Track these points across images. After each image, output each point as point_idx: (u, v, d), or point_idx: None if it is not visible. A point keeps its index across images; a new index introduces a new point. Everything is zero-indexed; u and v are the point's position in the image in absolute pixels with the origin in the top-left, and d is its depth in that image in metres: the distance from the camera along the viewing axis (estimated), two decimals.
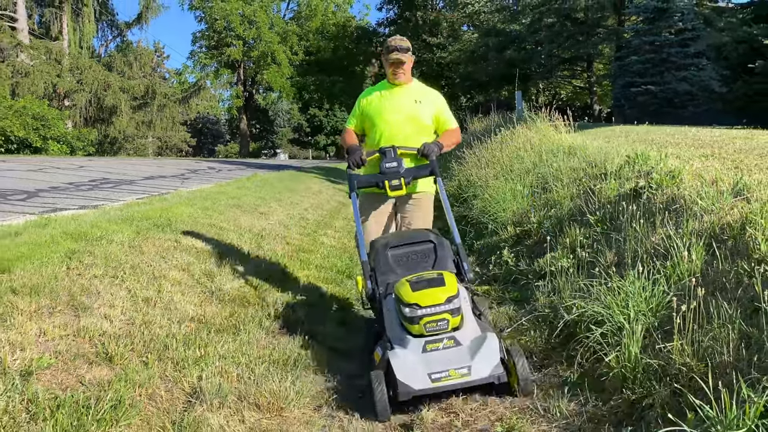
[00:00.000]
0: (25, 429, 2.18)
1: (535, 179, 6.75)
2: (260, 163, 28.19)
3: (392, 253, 3.56)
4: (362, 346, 3.73)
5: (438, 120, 4.14)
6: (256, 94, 51.94)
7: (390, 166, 3.74)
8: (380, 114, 4.07)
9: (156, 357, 3.05)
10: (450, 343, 2.94)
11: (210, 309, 3.98)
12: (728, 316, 2.59)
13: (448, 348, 2.92)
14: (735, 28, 21.73)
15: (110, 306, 3.48)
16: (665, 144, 7.50)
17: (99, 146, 30.36)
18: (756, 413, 2.01)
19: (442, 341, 2.93)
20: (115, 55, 36.29)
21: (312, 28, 46.30)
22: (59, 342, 2.90)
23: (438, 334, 2.95)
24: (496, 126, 11.25)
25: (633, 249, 3.73)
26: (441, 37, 41.49)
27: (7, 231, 4.71)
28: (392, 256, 3.55)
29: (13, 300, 3.13)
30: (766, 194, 3.51)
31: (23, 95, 25.69)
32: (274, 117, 62.19)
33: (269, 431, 2.59)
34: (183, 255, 4.87)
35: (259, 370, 3.11)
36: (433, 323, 2.94)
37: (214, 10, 42.26)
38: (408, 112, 4.04)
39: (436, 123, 4.15)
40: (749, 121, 18.08)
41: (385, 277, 3.45)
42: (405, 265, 3.51)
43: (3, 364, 2.54)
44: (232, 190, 9.93)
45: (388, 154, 3.77)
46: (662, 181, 4.39)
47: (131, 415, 2.45)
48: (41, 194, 8.02)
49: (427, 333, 2.95)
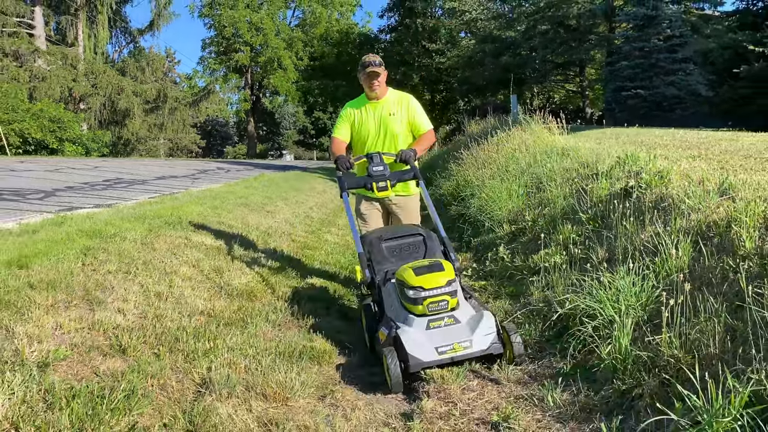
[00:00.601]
0: (42, 418, 2.18)
1: (529, 179, 6.74)
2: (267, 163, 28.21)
3: (386, 245, 3.80)
4: (361, 327, 3.82)
5: (412, 125, 4.46)
6: (263, 97, 51.92)
7: (377, 170, 3.95)
8: (362, 129, 4.46)
9: (167, 349, 3.05)
10: (450, 321, 3.14)
11: (219, 303, 3.98)
12: (714, 310, 2.58)
13: (449, 325, 3.12)
14: (721, 34, 21.67)
15: (123, 300, 3.49)
16: (654, 145, 7.49)
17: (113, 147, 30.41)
18: (741, 403, 2.01)
19: (443, 319, 3.13)
20: (128, 61, 36.37)
21: (316, 35, 46.24)
22: (75, 335, 2.91)
23: (439, 313, 3.14)
24: (492, 128, 11.22)
25: (623, 246, 3.73)
26: (440, 43, 41.39)
27: (25, 229, 4.72)
28: (386, 247, 3.79)
29: (31, 294, 3.14)
30: (751, 193, 3.50)
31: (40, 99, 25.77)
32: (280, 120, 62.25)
33: (275, 420, 2.59)
34: (193, 251, 4.87)
35: (265, 362, 3.11)
36: (435, 303, 3.13)
37: (223, 17, 42.24)
38: (385, 127, 4.41)
39: (410, 128, 4.47)
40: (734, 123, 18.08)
41: (381, 266, 3.67)
42: (398, 255, 3.75)
43: (21, 356, 2.54)
44: (240, 190, 9.94)
45: (374, 159, 4.01)
46: (651, 181, 4.39)
47: (143, 405, 2.45)
48: (58, 193, 8.03)
49: (430, 312, 3.14)
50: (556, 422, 2.58)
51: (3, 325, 2.76)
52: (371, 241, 3.82)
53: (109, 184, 10.20)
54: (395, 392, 2.97)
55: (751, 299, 2.41)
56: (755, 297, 2.43)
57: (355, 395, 2.99)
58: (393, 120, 4.40)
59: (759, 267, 2.73)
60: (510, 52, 32.72)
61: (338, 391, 3.01)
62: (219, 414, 2.50)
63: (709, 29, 23.33)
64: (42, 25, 29.78)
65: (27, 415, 2.16)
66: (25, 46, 28.05)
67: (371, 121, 4.45)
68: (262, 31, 42.74)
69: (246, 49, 43.32)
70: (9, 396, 2.23)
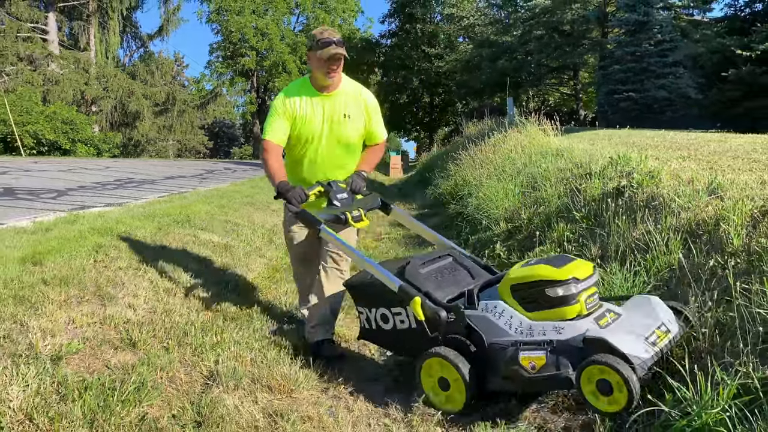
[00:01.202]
0: (55, 409, 2.18)
1: (525, 179, 6.73)
2: None
3: (424, 271, 2.88)
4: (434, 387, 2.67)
5: (367, 133, 3.39)
6: (269, 100, 51.88)
7: (342, 197, 3.12)
8: (303, 130, 3.22)
9: (176, 343, 3.05)
10: (613, 315, 2.41)
11: (226, 298, 3.97)
12: (703, 305, 2.58)
13: (616, 320, 2.38)
14: (710, 39, 21.65)
15: (134, 296, 3.48)
16: (645, 146, 7.48)
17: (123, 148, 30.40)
18: (729, 395, 2.00)
19: (605, 315, 2.39)
20: (138, 65, 36.33)
21: None
22: (87, 329, 2.91)
23: (597, 309, 2.43)
24: (489, 130, 11.21)
25: (616, 243, 3.72)
26: (439, 48, 41.41)
27: (39, 227, 4.72)
28: (425, 272, 2.87)
29: (45, 290, 3.14)
30: (739, 193, 3.50)
31: (54, 101, 25.74)
32: None
33: (280, 411, 2.58)
34: (201, 249, 4.87)
35: (270, 355, 3.11)
36: (592, 297, 2.42)
37: (230, 23, 42.16)
38: (338, 133, 3.26)
39: (364, 136, 3.40)
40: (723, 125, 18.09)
41: (442, 293, 2.75)
42: (443, 281, 2.88)
43: (35, 349, 2.54)
44: (246, 189, 9.93)
45: (334, 186, 3.14)
46: (643, 180, 4.37)
47: (153, 396, 2.45)
48: (70, 193, 8.02)
49: (588, 310, 2.39)
50: (551, 413, 2.58)
51: (18, 320, 2.76)
52: (409, 271, 2.81)
53: (120, 183, 10.20)
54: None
55: (739, 294, 2.41)
56: (743, 292, 2.42)
57: (357, 388, 2.98)
58: (347, 124, 3.25)
59: (746, 263, 2.73)
60: (506, 56, 32.74)
61: (341, 383, 3.01)
62: (226, 405, 2.50)
63: (699, 34, 23.31)
64: (55, 31, 29.75)
65: (41, 407, 2.16)
66: (39, 50, 28.03)
67: (317, 120, 3.21)
68: (268, 36, 42.65)
69: (252, 53, 43.23)
70: (24, 388, 2.23)
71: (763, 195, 3.34)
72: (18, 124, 21.06)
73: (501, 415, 2.56)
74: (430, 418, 2.59)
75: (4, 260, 3.47)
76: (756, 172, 4.32)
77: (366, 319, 3.01)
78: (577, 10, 28.81)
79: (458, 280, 2.92)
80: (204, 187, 10.22)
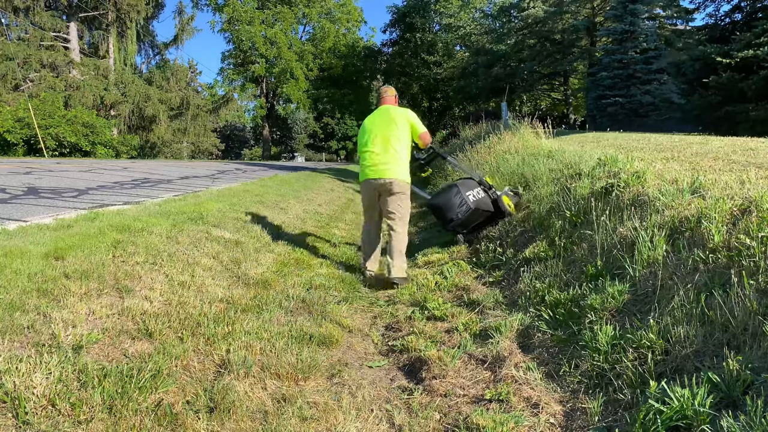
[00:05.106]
0: (76, 395, 2.18)
1: (519, 179, 6.73)
2: (280, 165, 28.17)
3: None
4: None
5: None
6: (277, 105, 51.88)
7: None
8: None
9: (190, 333, 3.05)
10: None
11: (237, 291, 3.97)
12: (686, 298, 2.57)
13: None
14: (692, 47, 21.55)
15: (150, 289, 3.48)
16: (631, 148, 7.46)
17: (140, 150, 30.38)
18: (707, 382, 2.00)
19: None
20: (154, 71, 36.30)
21: (325, 48, 46.15)
22: (106, 320, 2.90)
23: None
24: (485, 133, 11.20)
25: (603, 239, 3.71)
26: (437, 55, 41.37)
27: (61, 224, 4.72)
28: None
29: (66, 284, 3.14)
30: (719, 192, 3.49)
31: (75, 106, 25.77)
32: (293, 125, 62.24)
33: (288, 397, 2.58)
34: (213, 244, 4.87)
35: (279, 345, 3.10)
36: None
37: (241, 32, 42.18)
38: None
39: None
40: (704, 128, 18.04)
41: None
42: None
43: (57, 339, 2.54)
44: (256, 189, 9.92)
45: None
46: (629, 180, 4.37)
47: (168, 384, 2.45)
48: (90, 192, 8.02)
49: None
50: (546, 395, 2.57)
51: (41, 312, 2.76)
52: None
53: (137, 183, 10.19)
54: None
55: (720, 288, 2.40)
56: (723, 286, 2.42)
57: (360, 375, 2.98)
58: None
59: (726, 259, 2.72)
60: (501, 63, 32.71)
61: (345, 371, 3.01)
62: (237, 391, 2.50)
63: (681, 43, 23.27)
64: (76, 39, 29.77)
65: (62, 393, 2.16)
66: (61, 58, 28.05)
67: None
68: (276, 44, 42.65)
69: (261, 61, 43.24)
70: (46, 375, 2.23)
71: (743, 194, 3.33)
72: (41, 127, 21.08)
73: (495, 398, 2.56)
74: (431, 404, 2.59)
75: (29, 255, 3.47)
76: (735, 172, 4.31)
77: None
78: (568, 20, 28.80)
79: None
80: (216, 186, 10.22)
